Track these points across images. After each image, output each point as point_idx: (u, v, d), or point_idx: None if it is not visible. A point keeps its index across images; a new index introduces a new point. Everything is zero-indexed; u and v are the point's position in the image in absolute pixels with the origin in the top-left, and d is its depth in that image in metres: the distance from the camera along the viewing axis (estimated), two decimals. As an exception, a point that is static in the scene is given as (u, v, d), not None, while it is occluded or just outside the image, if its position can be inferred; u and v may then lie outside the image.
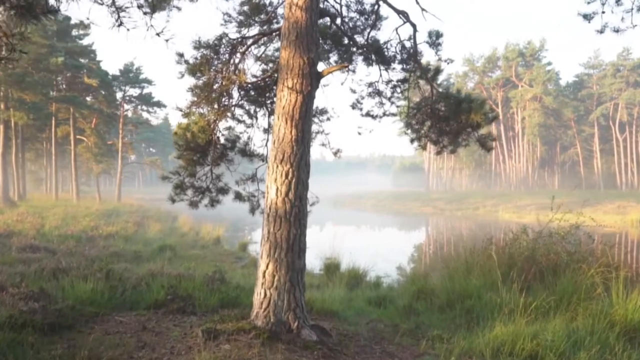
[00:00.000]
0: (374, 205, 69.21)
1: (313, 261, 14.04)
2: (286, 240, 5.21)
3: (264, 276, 5.26)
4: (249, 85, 7.26)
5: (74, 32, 39.82)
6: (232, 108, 7.23)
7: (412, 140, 8.03)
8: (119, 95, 46.52)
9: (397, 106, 8.07)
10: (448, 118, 7.18)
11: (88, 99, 42.43)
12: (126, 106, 48.39)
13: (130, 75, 45.99)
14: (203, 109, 6.51)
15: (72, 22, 37.10)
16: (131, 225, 22.03)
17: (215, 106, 6.85)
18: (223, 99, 6.88)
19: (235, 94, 7.19)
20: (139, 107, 50.57)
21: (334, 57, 8.84)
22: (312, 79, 5.42)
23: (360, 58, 8.59)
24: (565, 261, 8.47)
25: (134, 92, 47.59)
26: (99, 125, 42.64)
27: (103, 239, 16.39)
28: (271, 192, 5.30)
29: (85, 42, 41.19)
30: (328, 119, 8.06)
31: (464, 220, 44.73)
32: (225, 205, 8.29)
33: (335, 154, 7.88)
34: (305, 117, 5.36)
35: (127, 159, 66.30)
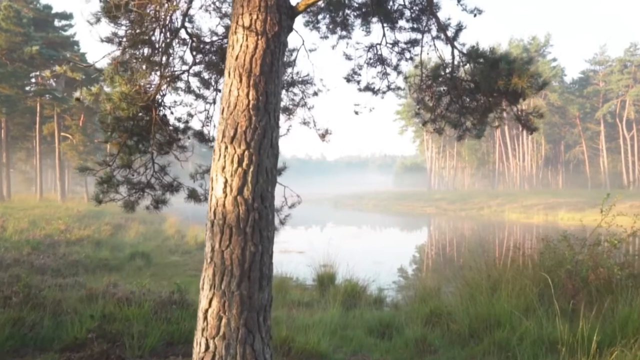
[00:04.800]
0: (375, 206, 67.61)
1: (305, 270, 12.24)
2: (239, 263, 3.32)
3: (205, 318, 3.38)
4: (207, 47, 5.40)
5: (57, 23, 37.69)
6: (185, 75, 5.37)
7: (424, 123, 6.16)
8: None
9: (406, 77, 6.16)
10: (474, 90, 5.33)
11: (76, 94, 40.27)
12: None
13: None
14: (135, 75, 4.61)
15: (54, 11, 35.05)
16: (108, 228, 20.13)
17: (159, 72, 4.97)
18: (170, 60, 5.01)
19: (189, 57, 5.33)
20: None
21: (324, 20, 7.00)
22: (281, 15, 3.55)
23: (358, 21, 6.76)
24: (619, 277, 6.74)
25: (124, 88, 45.37)
26: (87, 122, 40.55)
27: (69, 244, 14.48)
28: (217, 188, 3.42)
29: (68, 33, 39.03)
30: (315, 93, 6.14)
31: (469, 221, 42.86)
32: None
33: (322, 136, 5.94)
34: (270, 73, 3.48)
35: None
